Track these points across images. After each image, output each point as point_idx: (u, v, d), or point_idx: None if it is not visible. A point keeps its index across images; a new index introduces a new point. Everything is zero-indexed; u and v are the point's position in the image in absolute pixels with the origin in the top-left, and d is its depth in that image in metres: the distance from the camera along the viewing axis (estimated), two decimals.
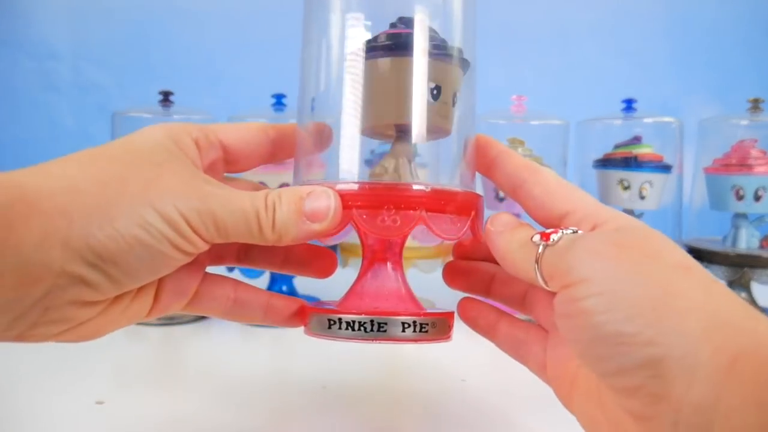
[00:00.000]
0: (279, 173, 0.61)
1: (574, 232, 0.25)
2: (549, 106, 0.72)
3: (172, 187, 0.25)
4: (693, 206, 0.71)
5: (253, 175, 0.62)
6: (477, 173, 0.32)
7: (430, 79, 0.29)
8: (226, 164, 0.31)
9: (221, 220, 0.25)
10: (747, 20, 1.01)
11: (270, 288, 0.63)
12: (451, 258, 0.35)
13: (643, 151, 0.62)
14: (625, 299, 0.21)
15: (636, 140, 0.64)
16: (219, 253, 0.32)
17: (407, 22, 0.30)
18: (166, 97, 0.67)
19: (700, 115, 0.73)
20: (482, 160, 0.31)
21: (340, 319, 0.29)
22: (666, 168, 0.63)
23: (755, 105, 0.66)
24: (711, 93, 1.01)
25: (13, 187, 0.22)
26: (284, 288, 0.64)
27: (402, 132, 0.31)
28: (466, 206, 0.30)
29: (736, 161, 0.63)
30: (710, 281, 0.22)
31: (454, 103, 0.31)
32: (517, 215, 0.30)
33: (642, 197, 0.62)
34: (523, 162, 0.30)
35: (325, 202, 0.26)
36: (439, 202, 0.29)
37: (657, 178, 0.62)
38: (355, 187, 0.28)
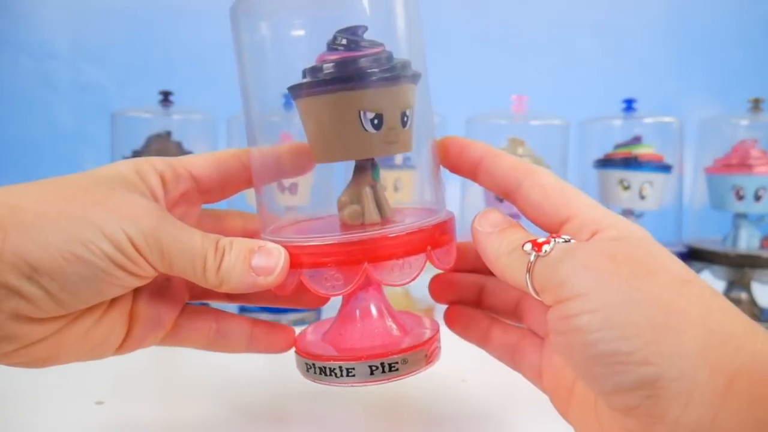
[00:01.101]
0: None
1: (566, 241, 0.24)
2: (549, 106, 0.72)
3: (120, 210, 0.24)
4: (693, 206, 0.71)
5: None
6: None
7: (371, 109, 0.28)
8: (201, 194, 0.30)
9: (167, 250, 0.24)
10: (747, 20, 1.01)
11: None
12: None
13: (643, 151, 0.62)
14: (621, 317, 0.20)
15: (636, 140, 0.64)
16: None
17: (348, 38, 0.29)
18: (165, 97, 0.67)
19: (701, 115, 0.73)
20: (464, 164, 0.30)
21: (314, 365, 0.31)
22: (666, 168, 0.63)
23: (755, 105, 0.66)
24: (711, 93, 1.01)
25: None
26: None
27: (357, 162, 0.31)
28: (419, 245, 0.29)
29: (737, 161, 0.63)
30: (709, 295, 0.21)
31: (405, 124, 0.29)
32: (516, 216, 0.30)
33: (642, 197, 0.62)
34: (515, 162, 0.28)
35: (273, 260, 0.26)
36: (386, 249, 0.28)
37: (657, 178, 0.62)
38: (303, 243, 0.28)
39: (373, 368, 0.30)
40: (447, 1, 1.01)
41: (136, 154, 0.63)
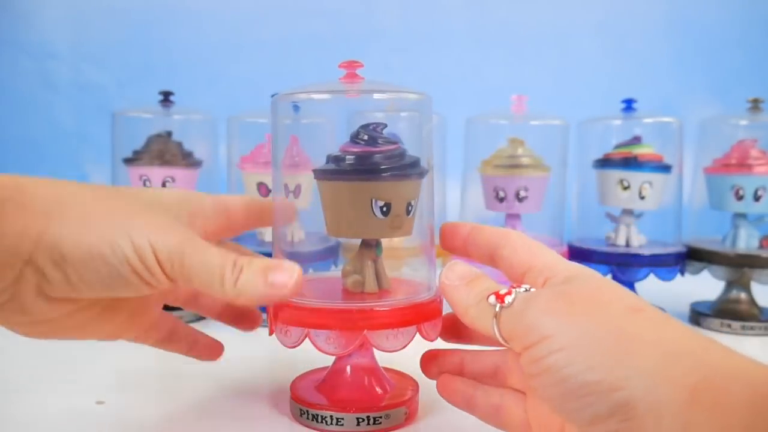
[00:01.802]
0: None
1: (527, 290, 0.26)
2: (549, 106, 0.72)
3: (154, 224, 0.27)
4: (693, 206, 0.71)
5: (257, 176, 0.63)
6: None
7: (381, 198, 0.33)
8: (225, 231, 0.35)
9: (188, 264, 0.27)
10: (747, 20, 1.01)
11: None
12: (442, 259, 0.38)
13: (643, 151, 0.62)
14: (584, 351, 0.22)
15: (636, 140, 0.64)
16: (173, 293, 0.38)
17: (369, 133, 0.34)
18: (166, 97, 0.68)
19: (700, 115, 0.73)
20: (456, 243, 0.33)
21: (307, 411, 0.37)
22: (666, 168, 0.63)
23: (755, 105, 0.66)
24: (711, 93, 1.01)
25: (13, 187, 0.26)
26: None
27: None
28: (411, 318, 0.34)
29: (736, 161, 0.63)
30: (661, 320, 0.23)
31: (409, 212, 0.34)
32: (517, 216, 0.31)
33: (642, 197, 0.62)
34: (494, 230, 0.32)
35: (287, 275, 0.28)
36: (383, 320, 0.34)
37: (657, 178, 0.62)
38: (312, 306, 0.34)
39: (360, 420, 0.36)
40: (447, 1, 1.01)
41: (137, 154, 0.63)
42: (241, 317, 0.42)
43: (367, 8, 1.00)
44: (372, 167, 0.33)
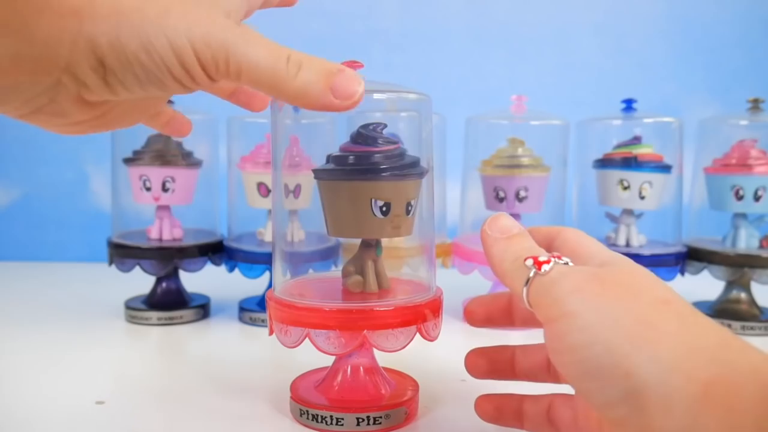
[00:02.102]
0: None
1: (565, 263, 0.26)
2: (549, 106, 0.72)
3: (191, 16, 0.24)
4: (693, 206, 0.71)
5: (257, 176, 0.63)
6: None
7: (381, 198, 0.33)
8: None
9: (236, 60, 0.25)
10: (747, 20, 1.01)
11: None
12: (442, 263, 0.38)
13: (643, 151, 0.62)
14: (605, 334, 0.22)
15: (636, 140, 0.64)
16: None
17: (369, 134, 0.34)
18: None
19: (700, 115, 0.73)
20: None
21: (307, 411, 0.37)
22: (666, 168, 0.63)
23: (755, 105, 0.66)
24: (711, 93, 1.01)
25: None
26: None
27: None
28: (411, 318, 0.34)
29: (736, 161, 0.63)
30: (688, 313, 0.23)
31: (408, 212, 0.35)
32: (516, 216, 0.31)
33: (642, 197, 0.62)
34: (550, 227, 0.31)
35: (354, 84, 0.26)
36: (384, 320, 0.34)
37: (657, 178, 0.62)
38: (312, 306, 0.34)
39: (360, 420, 0.36)
40: (447, 1, 1.01)
41: (137, 154, 0.63)
42: (251, 98, 0.38)
43: (367, 8, 1.00)
44: (372, 167, 0.33)
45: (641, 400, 0.21)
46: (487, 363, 0.34)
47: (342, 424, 0.36)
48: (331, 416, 0.36)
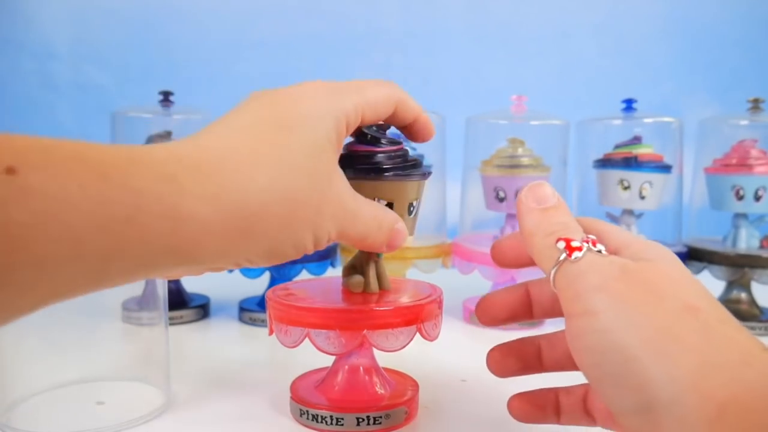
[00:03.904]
0: None
1: (598, 252, 0.25)
2: (549, 106, 0.72)
3: (332, 207, 0.27)
4: (693, 206, 0.71)
5: None
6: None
7: (384, 198, 0.33)
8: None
9: (349, 234, 0.29)
10: (747, 20, 1.01)
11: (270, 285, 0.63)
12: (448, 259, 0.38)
13: (643, 151, 0.62)
14: (624, 340, 0.21)
15: (636, 140, 0.64)
16: None
17: (373, 134, 0.34)
18: (166, 97, 0.67)
19: (700, 115, 0.73)
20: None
21: (307, 411, 0.37)
22: (666, 168, 0.63)
23: (755, 105, 0.66)
24: (711, 93, 1.01)
25: (173, 219, 0.22)
26: None
27: None
28: (411, 318, 0.35)
29: (736, 161, 0.63)
30: (715, 321, 0.22)
31: (410, 212, 0.35)
32: (515, 222, 0.31)
33: (642, 197, 0.62)
34: (584, 219, 0.29)
35: (403, 238, 0.31)
36: (384, 320, 0.34)
37: (657, 178, 0.62)
38: (312, 306, 0.34)
39: (360, 420, 0.36)
40: (447, 1, 1.01)
41: None
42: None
43: (367, 8, 1.00)
44: (374, 167, 0.33)
45: (652, 416, 0.20)
46: (515, 360, 0.32)
47: (342, 424, 0.36)
48: (331, 416, 0.36)
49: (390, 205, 0.33)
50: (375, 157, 0.33)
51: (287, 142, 0.26)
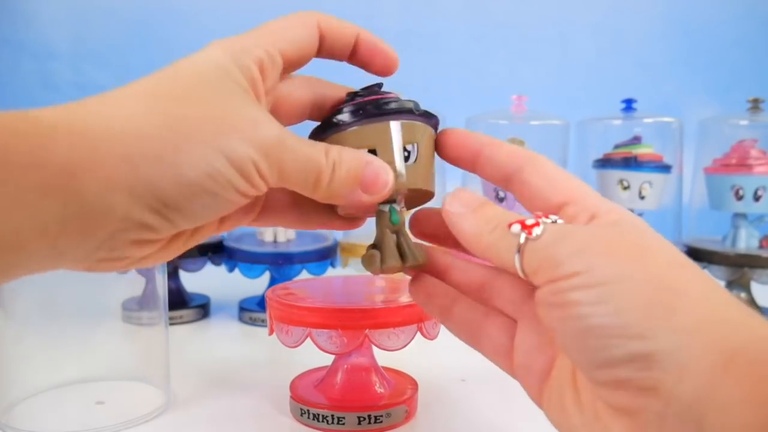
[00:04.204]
0: None
1: (553, 222, 0.24)
2: (549, 106, 0.72)
3: (244, 130, 0.24)
4: (693, 206, 0.71)
5: None
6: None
7: (364, 146, 0.28)
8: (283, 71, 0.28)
9: (286, 169, 0.25)
10: (747, 20, 1.01)
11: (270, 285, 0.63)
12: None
13: (642, 151, 0.62)
14: (617, 293, 0.20)
15: (636, 140, 0.64)
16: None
17: (363, 91, 0.30)
18: None
19: (700, 115, 0.73)
20: (464, 155, 0.29)
21: (308, 410, 0.37)
22: (666, 168, 0.63)
23: (755, 105, 0.66)
24: (711, 93, 1.01)
25: (76, 133, 0.21)
26: None
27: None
28: (412, 317, 0.34)
29: (736, 161, 0.63)
30: (707, 277, 0.22)
31: (407, 158, 0.29)
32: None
33: (642, 197, 0.62)
34: (515, 149, 0.28)
35: (383, 177, 0.26)
36: (385, 319, 0.34)
37: (657, 178, 0.62)
38: (314, 306, 0.34)
39: (361, 419, 0.36)
40: (447, 0, 1.01)
41: None
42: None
43: (367, 8, 1.00)
44: (347, 116, 0.28)
45: (651, 364, 0.19)
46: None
47: (343, 423, 0.36)
48: (332, 415, 0.36)
49: (373, 152, 0.28)
50: (346, 106, 0.29)
51: (178, 84, 0.25)
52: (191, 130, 0.23)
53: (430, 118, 0.29)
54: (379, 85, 0.30)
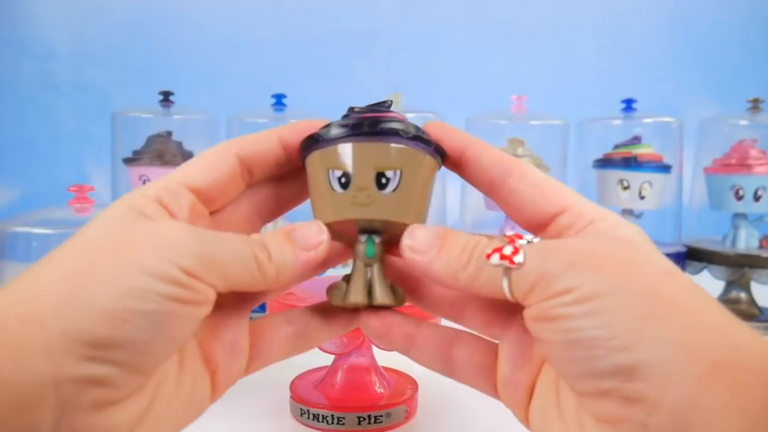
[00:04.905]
0: None
1: (529, 242, 0.23)
2: (549, 106, 0.72)
3: (157, 241, 0.21)
4: (693, 206, 0.71)
5: None
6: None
7: (338, 167, 0.26)
8: (206, 204, 0.26)
9: (221, 265, 0.22)
10: (746, 20, 1.01)
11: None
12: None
13: (642, 151, 0.62)
14: (606, 306, 0.20)
15: (636, 140, 0.64)
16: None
17: (366, 108, 0.27)
18: (166, 97, 0.68)
19: (700, 115, 0.73)
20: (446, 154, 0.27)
21: (308, 410, 0.37)
22: (666, 168, 0.63)
23: (755, 105, 0.66)
24: (711, 93, 1.01)
25: None
26: None
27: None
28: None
29: (736, 161, 0.63)
30: (694, 287, 0.22)
31: (383, 186, 0.25)
32: (515, 223, 0.29)
33: (642, 197, 0.62)
34: (503, 154, 0.26)
35: (314, 230, 0.25)
36: None
37: (657, 178, 0.62)
38: (309, 304, 0.29)
39: (361, 419, 0.36)
40: (447, 1, 1.01)
41: (137, 154, 0.63)
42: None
43: (367, 8, 1.00)
44: (327, 133, 0.26)
45: (635, 375, 0.20)
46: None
47: (343, 423, 0.36)
48: (332, 415, 0.36)
49: (347, 176, 0.25)
50: (331, 123, 0.26)
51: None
52: (91, 260, 0.21)
53: (426, 144, 0.26)
54: (386, 104, 0.27)
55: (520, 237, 0.23)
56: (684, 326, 0.20)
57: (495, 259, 0.22)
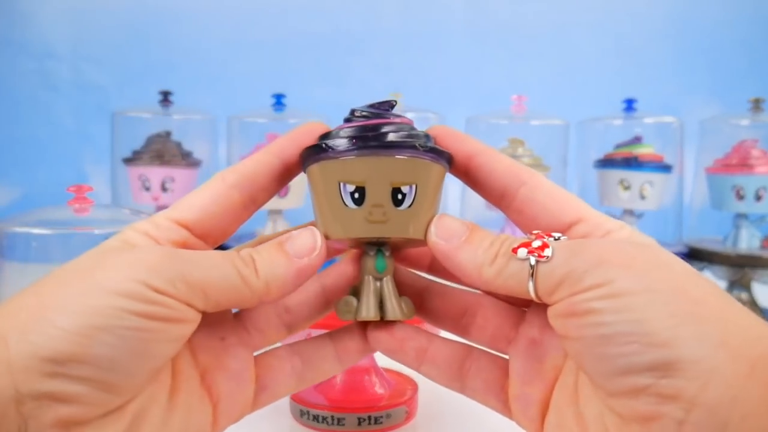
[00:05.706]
0: None
1: (557, 239, 0.23)
2: (549, 106, 0.72)
3: (123, 262, 0.21)
4: (694, 206, 0.71)
5: None
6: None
7: (351, 181, 0.24)
8: (203, 240, 0.25)
9: (194, 279, 0.21)
10: (748, 21, 1.01)
11: None
12: None
13: (643, 151, 0.62)
14: (640, 303, 0.20)
15: (636, 140, 0.64)
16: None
17: (370, 110, 0.26)
18: (165, 97, 0.68)
19: (701, 115, 0.73)
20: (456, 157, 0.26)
21: (308, 411, 0.37)
22: (666, 168, 0.63)
23: (756, 105, 0.66)
24: (711, 93, 1.01)
25: None
26: None
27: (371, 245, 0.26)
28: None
29: (737, 161, 0.63)
30: (719, 288, 0.22)
31: (399, 203, 0.25)
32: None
33: (642, 197, 0.62)
34: (514, 162, 0.26)
35: (307, 237, 0.24)
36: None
37: (657, 178, 0.62)
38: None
39: (361, 420, 0.36)
40: (447, 1, 1.01)
41: (136, 154, 0.63)
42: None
43: (367, 8, 1.00)
44: (339, 142, 0.24)
45: (673, 372, 0.19)
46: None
47: (343, 424, 0.36)
48: (332, 416, 0.36)
49: (361, 191, 0.24)
50: (341, 130, 0.25)
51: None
52: (60, 283, 0.21)
53: (439, 154, 0.25)
54: (390, 104, 0.26)
55: (549, 234, 0.23)
56: (721, 325, 0.20)
57: (522, 252, 0.22)
